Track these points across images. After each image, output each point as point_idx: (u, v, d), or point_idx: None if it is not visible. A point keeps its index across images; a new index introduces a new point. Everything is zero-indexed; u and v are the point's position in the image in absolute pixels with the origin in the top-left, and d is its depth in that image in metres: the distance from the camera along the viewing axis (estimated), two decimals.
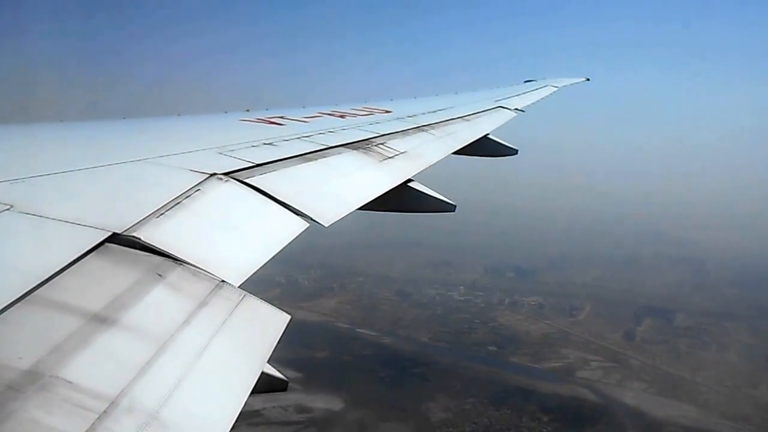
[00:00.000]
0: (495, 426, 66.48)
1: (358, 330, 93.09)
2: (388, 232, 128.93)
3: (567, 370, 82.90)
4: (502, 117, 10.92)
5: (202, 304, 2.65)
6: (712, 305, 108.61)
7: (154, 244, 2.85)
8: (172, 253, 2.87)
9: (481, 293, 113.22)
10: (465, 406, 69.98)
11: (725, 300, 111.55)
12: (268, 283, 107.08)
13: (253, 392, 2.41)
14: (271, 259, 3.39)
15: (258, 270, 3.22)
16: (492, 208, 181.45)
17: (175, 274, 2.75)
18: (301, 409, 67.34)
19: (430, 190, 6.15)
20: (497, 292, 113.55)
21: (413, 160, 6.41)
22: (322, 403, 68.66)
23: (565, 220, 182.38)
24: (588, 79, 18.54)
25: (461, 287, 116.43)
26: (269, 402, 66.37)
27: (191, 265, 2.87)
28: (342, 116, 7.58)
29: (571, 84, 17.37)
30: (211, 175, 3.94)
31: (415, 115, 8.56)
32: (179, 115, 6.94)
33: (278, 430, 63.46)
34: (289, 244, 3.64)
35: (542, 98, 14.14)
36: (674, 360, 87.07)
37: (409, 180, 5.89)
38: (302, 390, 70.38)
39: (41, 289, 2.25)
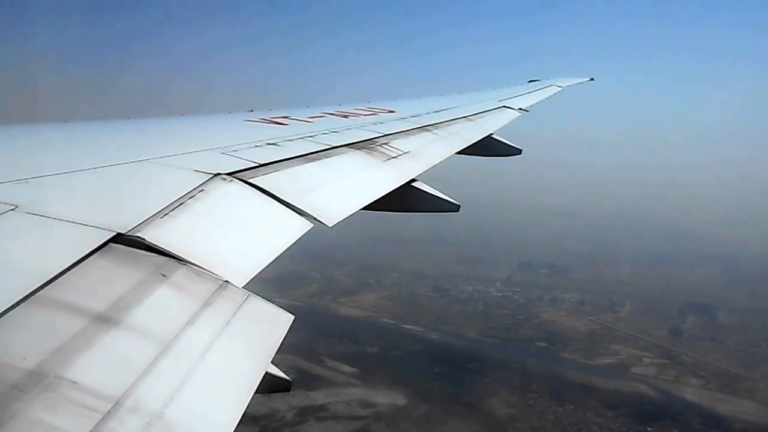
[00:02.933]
0: (562, 421, 66.97)
1: (404, 325, 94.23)
2: (407, 230, 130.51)
3: (621, 366, 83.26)
4: (506, 117, 10.90)
5: (206, 304, 2.65)
6: (753, 302, 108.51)
7: (158, 245, 2.85)
8: (176, 253, 2.87)
9: (518, 289, 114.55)
10: (528, 402, 70.53)
11: (764, 296, 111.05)
12: (304, 279, 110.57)
13: (257, 393, 2.41)
14: (275, 260, 3.39)
15: (262, 270, 3.22)
16: (501, 207, 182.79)
17: (179, 274, 2.75)
18: (365, 404, 67.90)
19: (434, 189, 6.14)
20: (534, 289, 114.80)
21: (417, 160, 6.41)
22: (384, 398, 69.16)
23: (581, 218, 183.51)
24: (592, 79, 18.48)
25: (497, 283, 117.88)
26: (331, 397, 68.16)
27: (195, 265, 2.87)
28: (346, 116, 7.58)
29: (576, 84, 17.33)
30: (215, 175, 3.94)
31: (418, 115, 8.55)
32: (183, 115, 6.96)
33: (346, 424, 64.17)
34: (293, 244, 3.64)
35: (546, 98, 14.11)
36: (726, 357, 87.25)
37: (413, 180, 5.89)
38: (362, 385, 71.67)
39: (45, 289, 2.25)
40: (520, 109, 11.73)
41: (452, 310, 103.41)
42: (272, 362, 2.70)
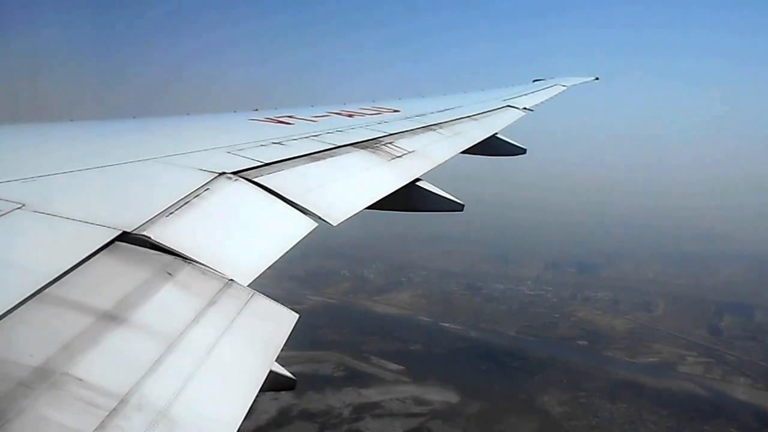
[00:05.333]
0: (618, 420, 66.67)
1: (442, 324, 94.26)
2: (425, 229, 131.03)
3: (666, 365, 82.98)
4: (511, 116, 10.89)
5: (211, 302, 2.66)
6: None
7: (163, 243, 2.87)
8: (182, 251, 2.88)
9: (550, 288, 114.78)
10: (580, 400, 70.32)
11: None
12: (334, 277, 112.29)
13: (261, 391, 2.42)
14: (280, 258, 3.40)
15: (267, 269, 3.23)
16: (512, 207, 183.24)
17: (185, 272, 2.76)
18: (419, 401, 67.93)
19: (439, 189, 6.14)
20: (565, 287, 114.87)
21: (421, 159, 6.41)
22: (437, 395, 69.14)
23: (594, 218, 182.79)
24: (597, 78, 18.42)
25: (528, 282, 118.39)
26: (384, 394, 68.49)
27: (200, 264, 2.88)
28: (350, 115, 7.58)
29: (580, 83, 17.28)
30: (220, 174, 3.95)
31: (423, 115, 8.55)
32: (188, 114, 6.97)
33: (404, 421, 64.17)
34: (298, 243, 3.64)
35: (551, 97, 14.08)
36: None
37: (418, 179, 5.89)
38: (411, 382, 71.78)
39: (52, 287, 2.27)
40: (525, 108, 11.70)
41: (487, 309, 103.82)
42: (278, 360, 2.70)
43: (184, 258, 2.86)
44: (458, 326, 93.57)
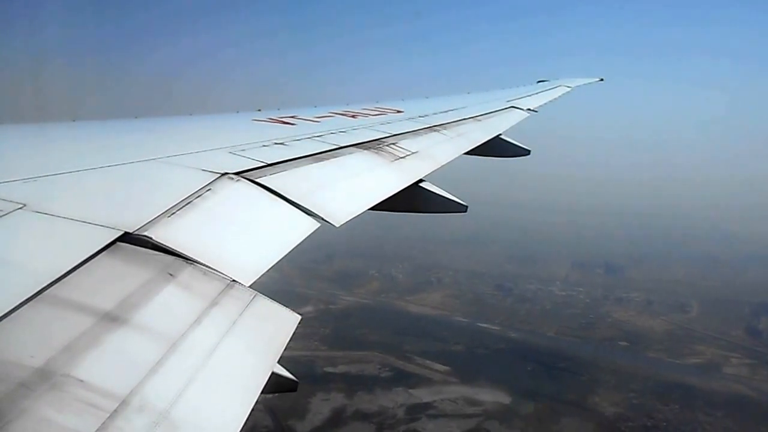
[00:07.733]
0: (673, 421, 65.79)
1: (479, 324, 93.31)
2: (443, 230, 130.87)
3: (711, 366, 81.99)
4: (515, 117, 10.86)
5: (213, 303, 2.65)
6: None
7: (165, 244, 2.85)
8: (183, 252, 2.87)
9: (581, 289, 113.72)
10: (632, 401, 69.35)
11: None
12: (363, 277, 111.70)
13: (263, 392, 2.41)
14: (282, 259, 3.38)
15: (268, 270, 3.21)
16: (522, 208, 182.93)
17: (186, 273, 2.75)
18: (471, 401, 67.17)
19: (442, 190, 6.12)
20: (596, 288, 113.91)
21: (425, 160, 6.39)
22: (488, 396, 68.44)
23: (608, 219, 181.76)
24: (602, 79, 18.39)
25: (558, 282, 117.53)
26: (435, 395, 67.73)
27: (202, 264, 2.87)
28: (353, 116, 7.57)
29: (585, 84, 17.25)
30: (222, 174, 3.94)
31: (426, 115, 8.53)
32: (191, 114, 6.97)
33: (460, 422, 63.47)
34: (299, 243, 3.63)
35: (555, 98, 14.05)
36: None
37: (421, 180, 5.87)
38: (460, 383, 71.02)
39: (53, 287, 2.26)
40: (529, 109, 11.68)
41: (521, 309, 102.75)
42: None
43: (186, 259, 2.85)
44: (496, 327, 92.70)
